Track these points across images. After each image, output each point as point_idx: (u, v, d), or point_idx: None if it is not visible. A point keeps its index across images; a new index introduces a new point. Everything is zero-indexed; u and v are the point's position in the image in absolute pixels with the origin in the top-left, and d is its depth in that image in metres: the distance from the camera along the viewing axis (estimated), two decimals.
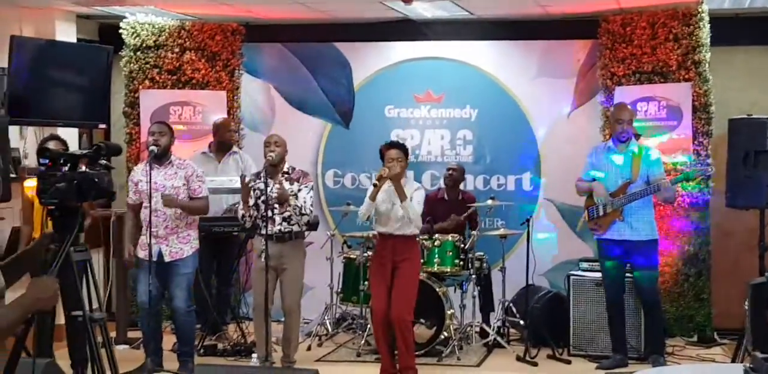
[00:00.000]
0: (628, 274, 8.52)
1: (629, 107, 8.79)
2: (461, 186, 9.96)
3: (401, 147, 8.01)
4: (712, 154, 9.55)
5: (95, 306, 4.71)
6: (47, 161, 4.21)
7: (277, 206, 8.07)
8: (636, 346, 8.61)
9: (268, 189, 7.99)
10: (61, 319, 8.01)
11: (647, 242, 8.30)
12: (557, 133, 10.49)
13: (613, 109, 8.67)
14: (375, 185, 7.79)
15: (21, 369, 4.12)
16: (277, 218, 8.11)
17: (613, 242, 8.35)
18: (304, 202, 8.11)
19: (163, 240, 8.03)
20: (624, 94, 9.72)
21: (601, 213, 8.34)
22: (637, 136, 8.80)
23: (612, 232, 8.33)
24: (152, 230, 7.95)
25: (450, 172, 9.77)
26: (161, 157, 8.09)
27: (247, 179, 8.22)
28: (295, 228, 8.19)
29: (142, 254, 8.08)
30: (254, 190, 8.15)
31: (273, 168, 8.14)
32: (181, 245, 8.09)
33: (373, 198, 7.85)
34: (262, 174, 8.09)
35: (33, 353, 4.59)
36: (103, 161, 4.34)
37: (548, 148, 10.49)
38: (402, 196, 7.79)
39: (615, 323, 8.47)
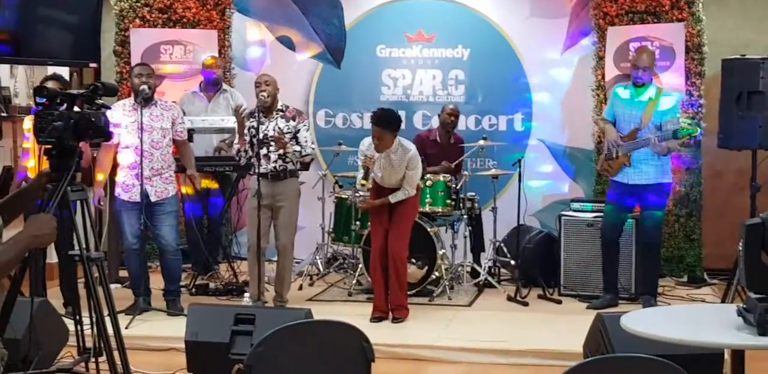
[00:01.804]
0: (629, 215, 8.51)
1: (650, 50, 8.62)
2: None
3: (386, 124, 7.82)
4: (705, 94, 9.55)
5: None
6: (44, 99, 4.18)
7: (273, 143, 8.06)
8: (626, 286, 8.65)
9: (263, 128, 7.98)
10: (52, 258, 8.10)
11: (655, 185, 8.21)
12: (549, 73, 10.45)
13: (635, 53, 8.58)
14: (362, 184, 7.92)
15: (15, 308, 4.14)
16: (273, 156, 8.11)
17: (622, 185, 8.31)
18: (306, 141, 8.14)
19: (148, 181, 8.02)
20: (617, 34, 9.69)
21: (614, 155, 8.31)
22: (656, 77, 8.75)
23: (622, 175, 8.26)
24: (136, 170, 7.95)
25: (452, 118, 9.70)
26: (148, 98, 8.05)
27: (241, 110, 8.20)
28: (290, 166, 8.19)
29: (125, 195, 8.07)
30: (248, 129, 8.14)
31: (267, 109, 8.11)
32: (165, 185, 8.10)
33: (366, 179, 7.87)
34: (255, 113, 8.06)
35: (30, 292, 4.59)
36: (100, 101, 4.31)
37: (540, 88, 10.45)
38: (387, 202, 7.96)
39: (608, 263, 8.47)
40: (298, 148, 8.10)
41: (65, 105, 4.20)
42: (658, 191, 8.27)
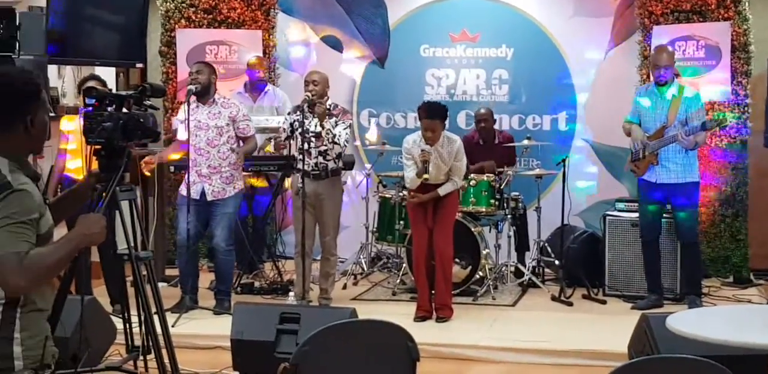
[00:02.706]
0: (666, 215, 8.47)
1: (669, 49, 8.59)
2: (496, 126, 9.91)
3: (436, 114, 7.87)
4: (751, 93, 9.49)
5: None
6: (94, 100, 4.24)
7: (313, 139, 8.10)
8: (671, 287, 8.60)
9: (306, 123, 8.03)
10: (95, 258, 8.18)
11: (685, 184, 8.20)
12: (593, 73, 10.40)
13: (654, 53, 8.57)
14: (425, 179, 7.82)
15: (64, 307, 4.20)
16: (313, 152, 8.16)
17: (651, 184, 8.31)
18: (339, 134, 8.13)
19: (207, 179, 8.08)
20: (662, 33, 9.63)
21: (641, 155, 8.31)
22: (677, 75, 8.70)
23: (649, 174, 8.27)
24: (195, 168, 8.02)
25: (481, 125, 9.69)
26: (203, 95, 8.10)
27: (287, 112, 8.34)
28: (331, 164, 8.23)
29: (185, 192, 8.13)
30: (293, 122, 8.18)
31: (313, 106, 8.13)
32: (224, 185, 8.13)
33: (420, 176, 7.85)
34: (301, 107, 8.10)
35: (80, 290, 4.65)
36: (148, 102, 4.36)
37: (584, 88, 10.42)
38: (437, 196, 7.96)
39: (650, 263, 8.44)
40: (334, 131, 8.12)
41: (114, 106, 4.26)
42: (686, 192, 8.24)
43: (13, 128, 3.46)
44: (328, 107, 8.20)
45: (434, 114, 7.82)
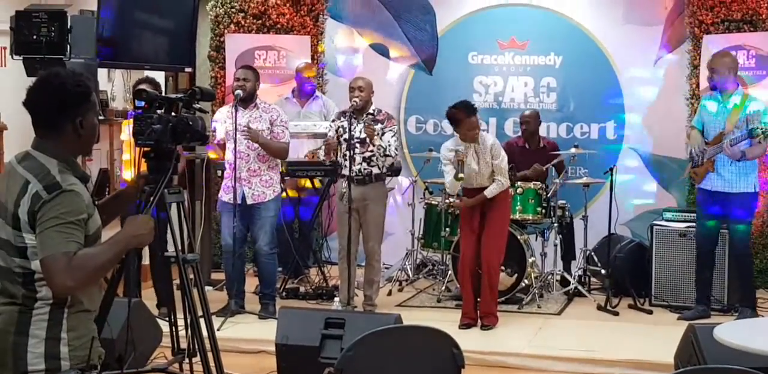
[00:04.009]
0: (720, 223, 8.37)
1: (730, 55, 8.44)
2: (541, 132, 9.88)
3: (473, 110, 7.91)
4: None
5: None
6: (143, 103, 4.27)
7: (358, 145, 8.13)
8: (719, 298, 8.53)
9: (352, 128, 8.05)
10: (145, 260, 8.23)
11: (741, 194, 8.09)
12: (643, 81, 10.34)
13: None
14: (458, 178, 7.80)
15: (111, 309, 4.22)
16: (358, 158, 8.19)
17: (708, 192, 8.22)
18: (388, 144, 8.16)
19: (246, 183, 8.12)
20: (712, 43, 9.56)
21: (698, 162, 8.23)
22: (743, 85, 8.61)
23: (706, 182, 8.19)
24: (235, 172, 8.05)
25: (524, 127, 9.67)
26: (246, 100, 8.15)
27: (332, 118, 8.31)
28: (375, 170, 8.25)
29: (226, 197, 8.17)
30: (338, 128, 8.21)
31: (358, 111, 8.18)
32: (264, 189, 8.16)
33: (458, 179, 7.82)
34: (347, 113, 8.14)
35: (127, 293, 4.68)
36: (197, 105, 4.39)
37: (633, 96, 10.35)
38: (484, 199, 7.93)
39: (701, 274, 8.35)
40: (383, 144, 8.15)
41: (163, 109, 4.29)
42: (741, 203, 8.12)
43: (63, 129, 3.49)
44: (372, 112, 8.25)
45: (472, 111, 7.90)
